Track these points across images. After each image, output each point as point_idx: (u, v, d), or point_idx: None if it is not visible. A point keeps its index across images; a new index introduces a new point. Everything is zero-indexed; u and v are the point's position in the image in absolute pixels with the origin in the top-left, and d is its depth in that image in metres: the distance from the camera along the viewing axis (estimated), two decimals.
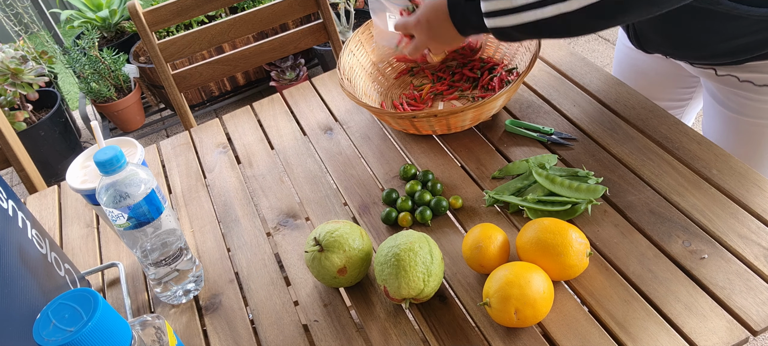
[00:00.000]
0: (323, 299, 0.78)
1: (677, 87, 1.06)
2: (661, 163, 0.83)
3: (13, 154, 1.25)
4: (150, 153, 1.11)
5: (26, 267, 0.66)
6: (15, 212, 0.71)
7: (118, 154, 0.66)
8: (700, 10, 0.78)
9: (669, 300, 0.67)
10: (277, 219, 0.91)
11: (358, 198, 0.91)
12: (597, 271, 0.72)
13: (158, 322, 0.56)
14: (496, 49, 1.09)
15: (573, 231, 0.69)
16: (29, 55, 2.26)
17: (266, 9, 1.42)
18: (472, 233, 0.74)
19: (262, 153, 1.05)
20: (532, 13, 0.72)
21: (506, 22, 0.75)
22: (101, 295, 0.60)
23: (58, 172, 2.38)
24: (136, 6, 1.34)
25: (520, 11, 0.73)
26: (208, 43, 1.42)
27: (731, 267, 0.69)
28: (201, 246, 0.89)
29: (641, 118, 0.91)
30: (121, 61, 2.46)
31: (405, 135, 1.00)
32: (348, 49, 1.06)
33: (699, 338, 0.63)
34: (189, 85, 1.45)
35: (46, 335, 0.46)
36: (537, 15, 0.71)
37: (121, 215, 0.69)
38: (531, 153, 0.90)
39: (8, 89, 2.10)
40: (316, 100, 1.15)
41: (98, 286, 0.88)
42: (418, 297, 0.69)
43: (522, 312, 0.64)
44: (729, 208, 0.75)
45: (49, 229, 0.99)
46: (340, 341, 0.72)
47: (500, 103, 0.93)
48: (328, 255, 0.72)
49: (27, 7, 2.66)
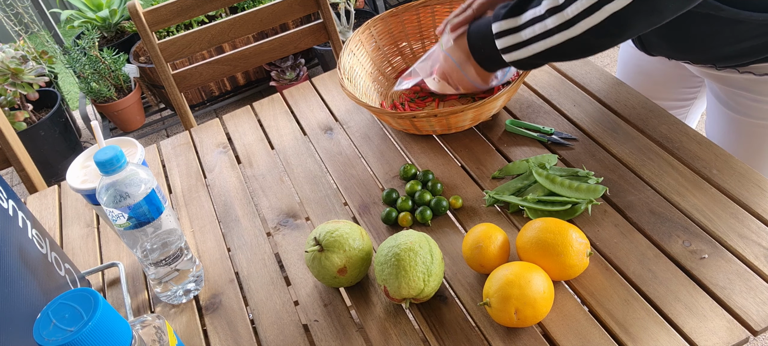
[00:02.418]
0: (323, 299, 0.78)
1: (681, 87, 1.06)
2: (662, 163, 0.83)
3: (14, 154, 1.25)
4: (150, 153, 1.11)
5: (26, 267, 0.66)
6: (15, 211, 0.71)
7: (118, 154, 0.66)
8: (703, 16, 0.78)
9: (669, 300, 0.67)
10: (277, 219, 0.91)
11: (358, 198, 0.91)
12: (597, 271, 0.72)
13: (158, 322, 0.56)
14: None
15: (573, 231, 0.69)
16: (29, 55, 2.26)
17: (266, 9, 1.42)
18: (472, 233, 0.74)
19: (262, 153, 1.05)
20: (542, 44, 0.76)
21: (521, 54, 0.79)
22: (101, 295, 0.60)
23: (58, 172, 2.38)
24: (137, 6, 1.34)
25: (530, 43, 0.77)
26: (208, 43, 1.42)
27: (731, 267, 0.69)
28: (201, 246, 0.89)
29: (641, 118, 0.91)
30: (121, 61, 2.46)
31: (405, 135, 1.00)
32: (348, 49, 1.06)
33: (699, 338, 0.63)
34: (189, 85, 1.44)
35: (47, 335, 0.46)
36: (546, 44, 0.75)
37: (122, 214, 0.69)
38: (531, 153, 0.90)
39: (8, 89, 2.10)
40: (316, 100, 1.15)
41: (98, 286, 0.88)
42: (418, 297, 0.69)
43: (522, 312, 0.64)
44: (729, 208, 0.75)
45: (49, 229, 0.99)
46: (340, 341, 0.72)
47: (500, 103, 0.93)
48: (328, 255, 0.72)
49: (27, 7, 2.66)
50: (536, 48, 0.77)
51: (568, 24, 0.72)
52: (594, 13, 0.69)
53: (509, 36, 0.80)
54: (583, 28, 0.70)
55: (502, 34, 0.81)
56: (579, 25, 0.71)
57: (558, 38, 0.74)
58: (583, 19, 0.70)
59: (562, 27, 0.73)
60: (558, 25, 0.73)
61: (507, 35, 0.80)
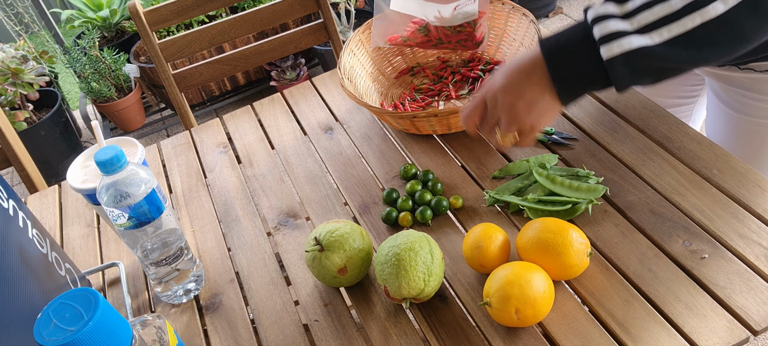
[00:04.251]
0: (323, 299, 0.78)
1: (684, 85, 1.06)
2: (662, 163, 0.83)
3: (14, 154, 1.25)
4: (150, 153, 1.12)
5: (27, 267, 0.66)
6: (15, 211, 0.71)
7: (118, 154, 0.66)
8: None
9: (669, 300, 0.67)
10: (278, 219, 0.91)
11: (358, 198, 0.91)
12: (597, 271, 0.72)
13: (159, 321, 0.56)
14: (497, 49, 1.09)
15: (573, 231, 0.69)
16: (30, 54, 2.26)
17: (266, 9, 1.42)
18: (472, 233, 0.74)
19: (262, 153, 1.05)
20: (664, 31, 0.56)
21: (630, 44, 0.58)
22: (102, 294, 0.60)
23: (58, 171, 2.38)
24: (137, 6, 1.34)
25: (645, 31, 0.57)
26: (208, 43, 1.42)
27: (732, 267, 0.69)
28: (201, 246, 0.89)
29: (641, 117, 0.91)
30: (121, 60, 2.46)
31: (405, 135, 1.00)
32: (348, 49, 1.06)
33: (699, 338, 0.63)
34: (189, 84, 1.45)
35: (47, 335, 0.46)
36: (672, 31, 0.56)
37: (122, 214, 0.69)
38: (531, 153, 0.90)
39: (9, 89, 2.10)
40: (316, 99, 1.15)
41: (99, 285, 0.88)
42: (418, 297, 0.69)
43: (522, 312, 0.64)
44: (729, 208, 0.75)
45: (49, 229, 0.99)
46: (340, 341, 0.72)
47: None
48: (328, 255, 0.72)
49: (27, 6, 2.66)
50: (653, 38, 0.56)
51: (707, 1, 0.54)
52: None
53: (612, 21, 0.58)
54: (730, 3, 0.53)
55: (601, 19, 0.59)
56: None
57: (690, 21, 0.55)
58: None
59: (696, 5, 0.54)
60: (690, 1, 0.55)
61: (608, 20, 0.58)
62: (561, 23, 2.74)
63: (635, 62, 0.58)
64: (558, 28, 0.63)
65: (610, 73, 0.59)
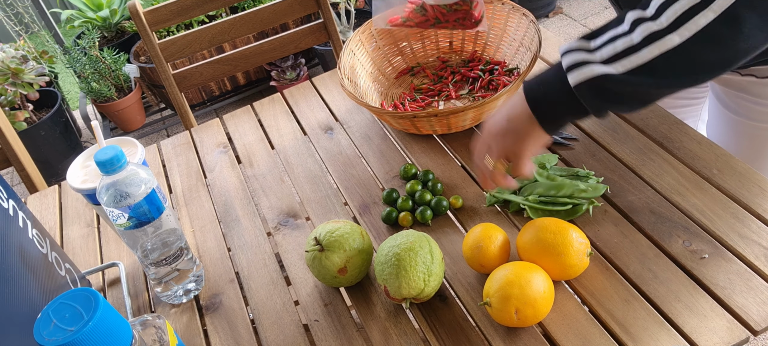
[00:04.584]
0: (324, 299, 0.78)
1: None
2: (662, 163, 0.83)
3: (14, 154, 1.25)
4: (150, 153, 1.12)
5: (27, 267, 0.66)
6: (15, 211, 0.71)
7: (118, 154, 0.66)
8: None
9: (669, 300, 0.67)
10: (278, 219, 0.91)
11: (358, 198, 0.91)
12: (597, 271, 0.72)
13: (159, 321, 0.56)
14: (497, 49, 1.09)
15: (573, 231, 0.69)
16: (30, 54, 2.26)
17: (266, 9, 1.42)
18: (472, 233, 0.74)
19: (262, 153, 1.05)
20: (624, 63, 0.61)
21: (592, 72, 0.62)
22: (102, 295, 0.60)
23: (58, 171, 2.38)
24: (137, 6, 1.34)
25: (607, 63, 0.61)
26: (208, 43, 1.42)
27: (732, 267, 0.69)
28: (201, 246, 0.89)
29: (641, 117, 0.91)
30: (121, 60, 2.46)
31: (405, 135, 1.00)
32: (348, 49, 1.06)
33: (699, 338, 0.63)
34: (189, 84, 1.44)
35: (47, 335, 0.46)
36: (632, 62, 0.60)
37: (122, 214, 0.69)
38: None
39: (9, 89, 2.10)
40: (316, 99, 1.15)
41: (99, 285, 0.88)
42: (418, 297, 0.69)
43: (522, 312, 0.64)
44: (729, 208, 0.75)
45: (49, 229, 0.99)
46: (340, 341, 0.72)
47: (501, 102, 0.93)
48: (328, 255, 0.72)
49: (27, 6, 2.66)
50: (616, 68, 0.61)
51: (664, 32, 0.58)
52: (698, 13, 0.56)
53: (579, 53, 0.64)
54: (685, 36, 0.57)
55: (570, 51, 0.65)
56: (679, 31, 0.57)
57: (649, 52, 0.59)
58: (683, 24, 0.57)
59: (653, 37, 0.59)
60: (648, 35, 0.59)
61: (576, 52, 0.64)
62: (561, 23, 2.74)
63: (601, 87, 0.62)
64: (557, 28, 0.66)
65: (580, 98, 0.64)
